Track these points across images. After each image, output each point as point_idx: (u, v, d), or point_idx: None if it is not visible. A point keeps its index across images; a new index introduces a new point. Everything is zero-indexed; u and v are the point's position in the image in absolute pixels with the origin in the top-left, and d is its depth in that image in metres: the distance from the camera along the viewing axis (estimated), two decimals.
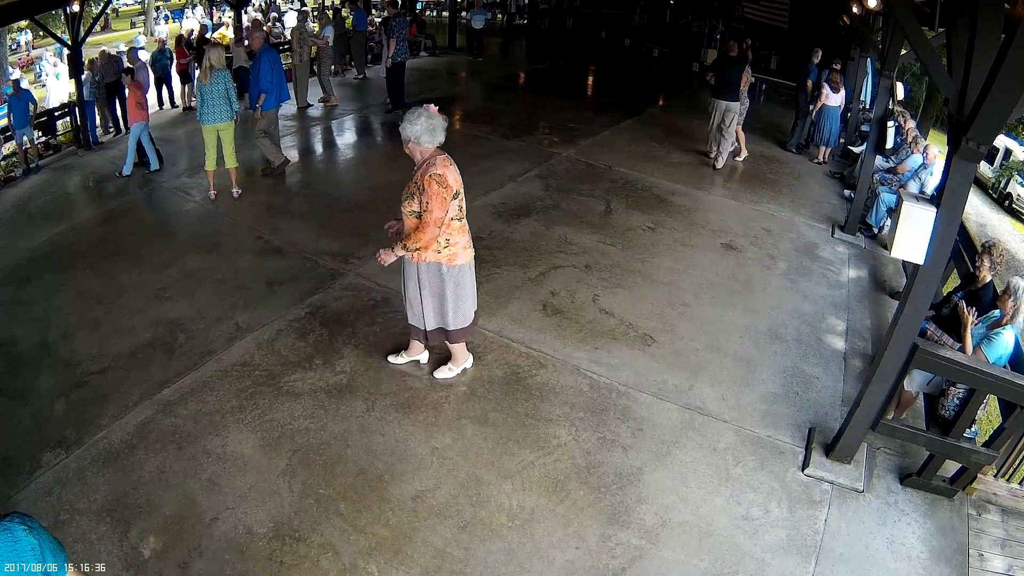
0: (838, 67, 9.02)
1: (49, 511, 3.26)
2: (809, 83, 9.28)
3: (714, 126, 8.36)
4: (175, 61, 11.96)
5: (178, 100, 12.18)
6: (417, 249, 3.58)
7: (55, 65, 17.80)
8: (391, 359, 4.37)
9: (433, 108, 3.51)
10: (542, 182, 7.52)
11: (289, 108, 10.48)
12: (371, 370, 4.33)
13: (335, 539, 3.19)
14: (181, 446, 3.70)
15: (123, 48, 15.52)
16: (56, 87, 16.57)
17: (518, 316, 4.95)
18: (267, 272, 5.51)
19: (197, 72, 7.46)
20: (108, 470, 3.56)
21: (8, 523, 1.75)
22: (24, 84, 10.42)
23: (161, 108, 11.52)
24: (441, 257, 3.67)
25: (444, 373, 4.26)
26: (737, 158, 8.83)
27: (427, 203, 3.46)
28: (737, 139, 8.64)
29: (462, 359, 4.27)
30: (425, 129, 3.45)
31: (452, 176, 3.51)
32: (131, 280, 5.47)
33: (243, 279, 5.42)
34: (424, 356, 4.37)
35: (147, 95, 8.77)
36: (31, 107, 9.76)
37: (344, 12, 14.21)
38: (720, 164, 8.44)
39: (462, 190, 3.62)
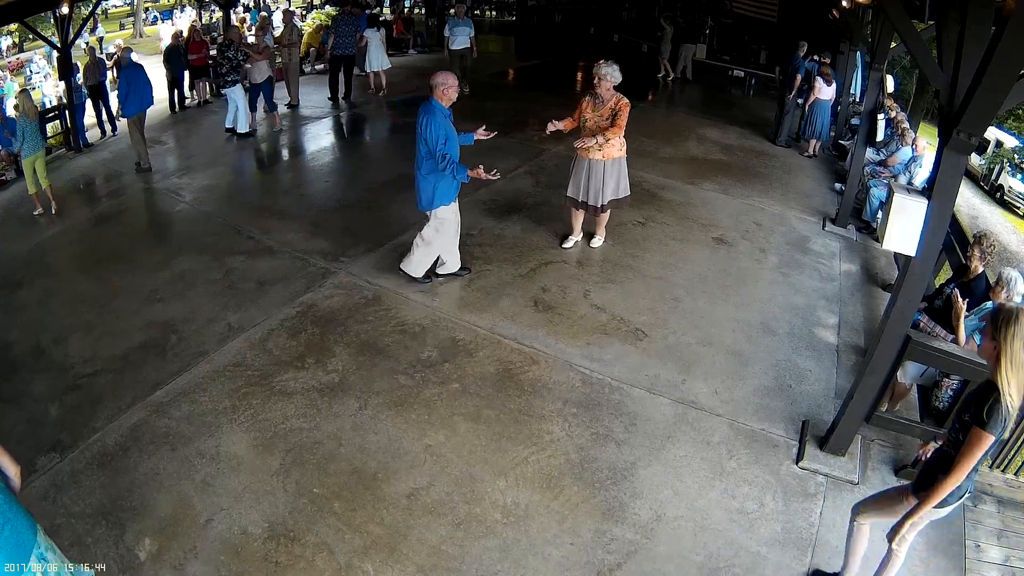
0: (827, 60, 9.06)
1: (45, 515, 3.23)
2: (797, 77, 9.27)
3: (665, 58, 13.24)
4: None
5: (187, 94, 11.43)
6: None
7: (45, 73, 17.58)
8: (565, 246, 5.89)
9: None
10: (532, 178, 7.51)
11: (281, 107, 10.47)
12: (363, 368, 4.32)
13: (330, 538, 3.18)
14: (175, 447, 3.69)
15: (111, 50, 15.31)
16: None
17: (510, 312, 4.95)
18: (258, 272, 5.49)
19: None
20: (103, 473, 3.55)
21: None
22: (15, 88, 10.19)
23: (174, 112, 11.05)
24: None
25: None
26: (668, 78, 13.27)
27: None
28: (666, 66, 13.24)
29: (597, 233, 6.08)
30: (620, 76, 5.61)
31: (584, 104, 5.75)
32: (123, 282, 5.44)
33: (234, 279, 5.40)
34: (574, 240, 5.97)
35: None
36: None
37: (331, 10, 13.91)
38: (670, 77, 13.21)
39: (581, 117, 5.83)
